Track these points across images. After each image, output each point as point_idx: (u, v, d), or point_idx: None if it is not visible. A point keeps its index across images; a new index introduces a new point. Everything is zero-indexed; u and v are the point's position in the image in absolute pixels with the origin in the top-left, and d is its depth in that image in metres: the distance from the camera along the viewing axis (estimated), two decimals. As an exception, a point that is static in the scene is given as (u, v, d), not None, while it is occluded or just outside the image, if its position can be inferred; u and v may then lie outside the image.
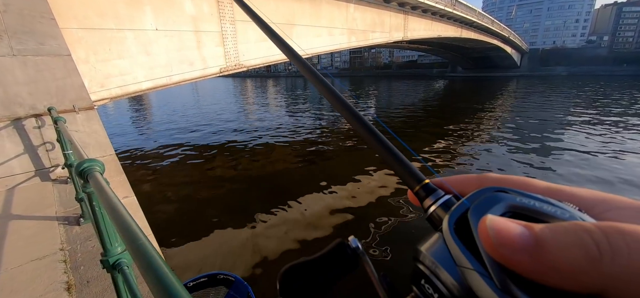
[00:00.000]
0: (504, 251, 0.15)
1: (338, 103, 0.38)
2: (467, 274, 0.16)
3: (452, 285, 0.17)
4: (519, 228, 0.15)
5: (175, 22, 5.93)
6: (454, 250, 0.17)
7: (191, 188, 6.55)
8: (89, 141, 3.52)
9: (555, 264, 0.14)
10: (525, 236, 0.15)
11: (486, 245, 0.16)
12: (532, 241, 0.15)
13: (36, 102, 3.29)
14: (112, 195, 0.64)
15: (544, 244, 0.14)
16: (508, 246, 0.15)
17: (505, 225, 0.16)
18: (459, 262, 0.17)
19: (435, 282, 0.18)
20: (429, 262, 0.18)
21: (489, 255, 0.16)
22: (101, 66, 4.88)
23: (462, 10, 19.80)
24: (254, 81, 60.32)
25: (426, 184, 0.24)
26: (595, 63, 55.17)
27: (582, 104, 17.53)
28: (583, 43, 67.86)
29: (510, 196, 0.18)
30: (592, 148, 8.65)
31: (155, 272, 0.41)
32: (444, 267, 0.17)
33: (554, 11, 73.46)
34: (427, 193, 0.23)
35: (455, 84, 39.03)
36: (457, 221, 0.19)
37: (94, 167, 0.79)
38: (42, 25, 3.33)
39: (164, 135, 11.82)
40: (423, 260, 0.19)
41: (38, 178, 3.31)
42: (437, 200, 0.22)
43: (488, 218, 0.16)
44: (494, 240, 0.15)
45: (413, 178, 0.25)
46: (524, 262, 0.14)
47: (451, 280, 0.17)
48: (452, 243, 0.18)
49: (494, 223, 0.16)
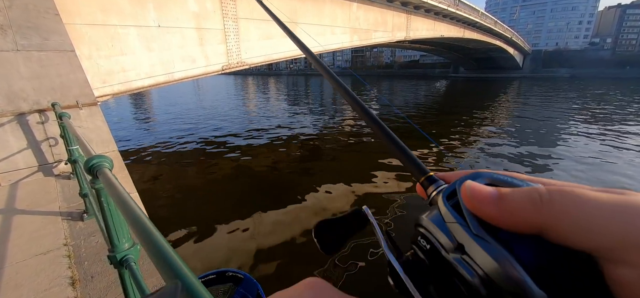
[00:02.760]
0: (476, 203, 0.21)
1: (353, 101, 0.43)
2: (452, 227, 0.22)
3: (440, 236, 0.22)
4: (489, 188, 0.21)
5: (178, 19, 5.93)
6: (444, 212, 0.23)
7: (192, 186, 6.56)
8: (92, 137, 3.53)
9: (511, 210, 0.19)
10: (493, 192, 0.20)
11: (464, 199, 0.21)
12: (497, 195, 0.20)
13: (40, 98, 3.30)
14: (123, 191, 0.64)
15: (505, 197, 0.20)
16: (479, 198, 0.20)
17: (479, 186, 0.21)
18: (447, 219, 0.22)
19: (428, 236, 0.23)
20: (425, 222, 0.24)
21: (466, 207, 0.21)
22: (104, 62, 4.89)
23: (465, 11, 19.73)
24: (255, 79, 60.31)
25: (430, 176, 0.29)
26: (598, 65, 54.89)
27: (583, 107, 17.48)
28: (586, 45, 67.52)
29: (488, 173, 0.24)
30: (592, 152, 8.63)
31: (171, 266, 0.42)
32: (436, 224, 0.23)
33: (557, 12, 73.11)
34: (430, 183, 0.28)
35: (457, 84, 38.93)
36: (448, 196, 0.24)
37: (103, 163, 0.79)
38: (46, 21, 3.34)
39: (165, 132, 11.84)
40: (420, 222, 0.24)
41: (41, 173, 3.32)
42: (437, 188, 0.27)
43: (467, 182, 0.22)
44: (469, 194, 0.21)
45: (419, 171, 0.30)
46: (489, 211, 0.20)
47: (440, 233, 0.22)
48: (443, 207, 0.23)
49: (471, 184, 0.22)
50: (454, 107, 18.47)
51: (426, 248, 0.23)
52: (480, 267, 0.19)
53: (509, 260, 0.18)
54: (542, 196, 0.19)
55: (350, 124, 13.03)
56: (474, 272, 0.19)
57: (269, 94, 28.14)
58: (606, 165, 7.48)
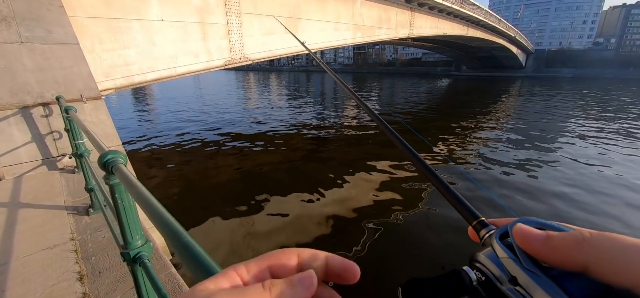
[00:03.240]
0: (527, 241, 0.24)
1: (407, 150, 0.49)
2: (505, 262, 0.25)
3: (495, 270, 0.25)
4: (538, 230, 0.24)
5: (181, 13, 5.88)
6: (498, 249, 0.26)
7: (193, 182, 6.56)
8: (96, 131, 3.48)
9: (557, 248, 0.22)
10: (541, 232, 0.24)
11: (516, 238, 0.25)
12: (544, 235, 0.23)
13: (44, 91, 3.28)
14: (141, 187, 0.62)
15: (552, 237, 0.23)
16: (530, 238, 0.24)
17: (531, 228, 0.25)
18: (500, 255, 0.26)
19: (484, 270, 0.26)
20: (482, 258, 0.27)
21: (518, 245, 0.25)
22: (106, 55, 4.86)
23: (469, 9, 19.58)
24: (256, 75, 60.15)
25: (482, 221, 0.32)
26: (602, 66, 54.50)
27: (586, 108, 17.41)
28: (590, 45, 67.06)
29: (536, 219, 0.27)
30: (594, 154, 8.60)
31: (196, 259, 0.40)
32: (491, 260, 0.26)
33: (562, 12, 72.49)
34: (482, 226, 0.31)
35: (459, 83, 38.77)
36: (500, 236, 0.27)
37: (118, 159, 0.78)
38: (50, 13, 3.31)
39: (165, 128, 11.82)
40: (477, 258, 0.27)
41: (45, 166, 3.31)
42: (489, 231, 0.30)
43: (519, 225, 0.26)
44: (521, 234, 0.25)
45: (471, 215, 0.33)
46: (539, 249, 0.23)
47: (495, 267, 0.25)
48: (496, 245, 0.26)
49: (522, 226, 0.25)
50: (455, 107, 18.40)
51: (482, 280, 0.26)
52: (532, 296, 0.22)
53: (557, 291, 0.21)
54: (585, 237, 0.22)
55: (353, 119, 13.01)
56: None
57: (270, 90, 28.06)
58: (606, 168, 7.45)
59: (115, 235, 1.26)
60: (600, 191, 6.02)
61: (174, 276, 1.59)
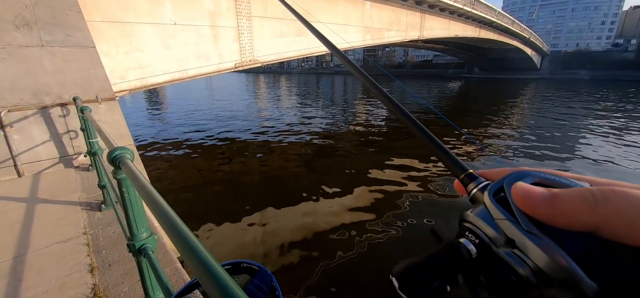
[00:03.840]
0: (530, 202, 0.21)
1: (386, 99, 0.43)
2: (501, 223, 0.23)
3: (489, 231, 0.23)
4: (541, 189, 0.22)
5: (193, 16, 6.03)
6: (492, 208, 0.24)
7: (203, 181, 6.68)
8: (110, 130, 3.63)
9: (564, 209, 0.20)
10: (546, 192, 0.21)
11: (516, 199, 0.22)
12: (550, 196, 0.21)
13: (62, 92, 3.43)
14: (145, 181, 0.66)
15: (558, 197, 0.21)
16: (533, 198, 0.21)
17: (531, 187, 0.22)
18: (495, 215, 0.23)
19: (477, 231, 0.24)
20: (472, 218, 0.25)
21: (518, 206, 0.22)
22: (122, 58, 5.03)
23: (481, 10, 19.25)
24: (266, 77, 60.77)
25: (470, 173, 0.29)
26: (621, 68, 52.35)
27: (605, 111, 16.78)
28: (609, 46, 64.71)
29: (535, 172, 0.25)
30: (616, 159, 8.28)
31: (193, 250, 0.43)
32: (484, 220, 0.24)
33: (579, 12, 70.31)
34: (470, 180, 0.29)
35: (471, 85, 38.09)
36: (494, 193, 0.25)
37: (125, 155, 0.82)
38: (69, 18, 3.46)
39: (177, 128, 12.10)
40: (467, 218, 0.25)
41: (62, 164, 3.45)
42: (478, 185, 0.28)
43: (519, 183, 0.23)
44: (522, 195, 0.22)
45: (458, 168, 0.30)
46: (542, 210, 0.21)
47: (489, 228, 0.23)
48: (490, 204, 0.24)
49: (523, 185, 0.23)
50: (467, 110, 18.08)
51: (475, 243, 0.24)
52: (532, 260, 0.20)
53: (560, 253, 0.19)
54: (596, 196, 0.19)
55: (362, 122, 12.97)
56: (525, 265, 0.21)
57: (280, 92, 28.30)
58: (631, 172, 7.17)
59: (124, 229, 1.31)
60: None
61: (180, 271, 1.64)
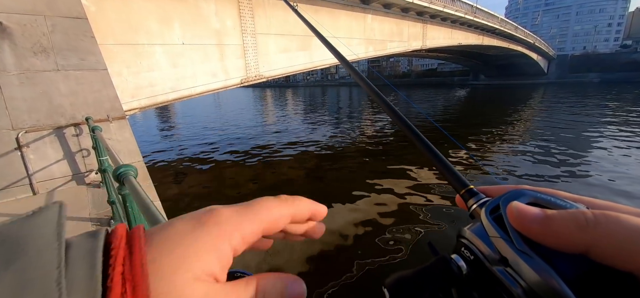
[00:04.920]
0: (523, 221, 0.22)
1: (391, 111, 0.45)
2: (495, 241, 0.23)
3: (484, 249, 0.24)
4: (535, 209, 0.22)
5: (201, 36, 6.27)
6: (487, 226, 0.24)
7: (212, 196, 6.76)
8: (120, 148, 3.76)
9: (557, 231, 0.20)
10: (539, 213, 0.22)
11: (511, 218, 0.23)
12: (543, 216, 0.21)
13: (76, 113, 3.58)
14: (145, 197, 0.70)
15: (551, 217, 0.21)
16: (526, 218, 0.22)
17: (526, 206, 0.23)
18: (491, 233, 0.24)
19: (472, 248, 0.25)
20: (469, 235, 0.25)
21: (512, 225, 0.23)
22: (133, 78, 5.24)
23: (483, 18, 19.35)
24: (273, 91, 61.69)
25: (470, 189, 0.30)
26: (632, 69, 51.30)
27: (616, 114, 16.39)
28: (617, 48, 63.72)
29: (531, 192, 0.25)
30: (628, 162, 8.05)
31: None
32: (480, 237, 0.25)
33: (584, 15, 69.84)
34: (470, 195, 0.29)
35: (477, 92, 37.79)
36: (491, 211, 0.25)
37: (129, 172, 0.87)
38: (84, 43, 3.65)
39: (186, 143, 12.33)
40: (464, 234, 0.26)
41: (74, 181, 3.57)
42: (478, 201, 0.28)
43: (514, 202, 0.24)
44: (516, 214, 0.23)
45: (459, 183, 0.31)
46: (535, 229, 0.21)
47: (484, 246, 0.24)
48: (486, 222, 0.25)
49: (518, 205, 0.23)
50: (474, 117, 17.92)
51: (470, 259, 0.25)
52: (524, 280, 0.20)
53: (551, 274, 0.19)
54: (588, 219, 0.20)
55: (369, 133, 12.99)
56: (517, 284, 0.21)
57: (286, 106, 28.65)
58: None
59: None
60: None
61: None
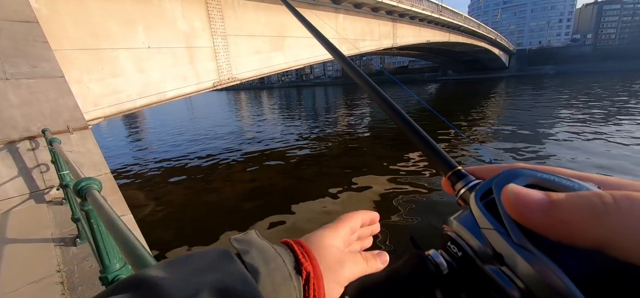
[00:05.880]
0: (522, 210, 0.17)
1: (378, 98, 0.40)
2: (488, 234, 0.19)
3: (474, 243, 0.20)
4: (537, 192, 0.18)
5: (167, 39, 6.01)
6: (478, 215, 0.20)
7: (188, 203, 6.52)
8: (83, 160, 3.52)
9: (566, 221, 0.16)
10: (542, 198, 0.17)
11: (507, 206, 0.18)
12: (547, 202, 0.17)
13: (30, 125, 3.30)
14: (111, 212, 0.68)
15: (558, 203, 0.16)
16: (526, 206, 0.17)
17: (525, 190, 0.18)
18: (482, 224, 0.20)
19: (460, 242, 0.21)
20: (456, 226, 0.22)
21: (508, 215, 0.18)
22: (94, 85, 4.91)
23: (448, 16, 20.30)
24: (248, 94, 60.50)
25: (458, 171, 0.26)
26: (582, 61, 56.63)
27: (572, 101, 17.91)
28: (568, 42, 69.70)
29: (531, 172, 0.20)
30: (586, 140, 8.84)
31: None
32: (468, 228, 0.21)
33: (538, 12, 75.61)
34: (458, 178, 0.26)
35: (447, 87, 39.62)
36: (482, 196, 0.21)
37: (91, 186, 0.83)
38: (35, 49, 3.37)
39: (159, 152, 11.77)
40: (451, 226, 0.22)
41: (33, 200, 3.29)
42: (467, 184, 0.25)
43: (510, 186, 0.19)
44: (514, 201, 0.18)
45: (446, 165, 0.28)
46: (538, 219, 0.17)
47: (474, 239, 0.20)
48: (477, 209, 0.21)
49: (515, 188, 0.18)
50: (444, 110, 18.76)
51: (458, 256, 0.21)
52: (522, 280, 0.17)
53: (558, 274, 0.15)
54: (606, 203, 0.15)
55: (345, 128, 13.15)
56: (515, 286, 0.17)
57: (261, 108, 28.23)
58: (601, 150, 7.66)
59: (98, 261, 1.29)
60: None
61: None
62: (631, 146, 8.13)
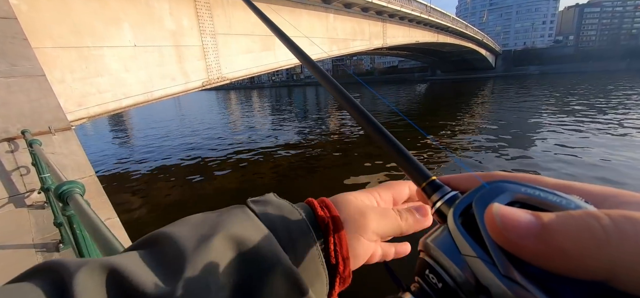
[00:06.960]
0: (510, 236, 0.15)
1: (347, 103, 0.34)
2: (471, 262, 0.16)
3: (455, 273, 0.17)
4: (526, 214, 0.15)
5: (154, 37, 5.87)
6: (459, 239, 0.18)
7: (178, 205, 6.40)
8: (67, 163, 3.41)
9: (562, 248, 0.13)
10: (532, 221, 0.15)
11: (492, 231, 0.16)
12: (539, 226, 0.14)
13: (9, 126, 3.17)
14: (93, 216, 0.65)
15: (551, 228, 0.14)
16: (514, 230, 0.15)
17: (512, 211, 0.16)
18: (463, 250, 0.17)
19: (439, 271, 0.18)
20: (434, 252, 0.19)
21: (494, 241, 0.16)
22: (78, 84, 4.76)
23: (437, 17, 20.64)
24: (237, 93, 59.88)
25: (433, 181, 0.23)
26: (564, 61, 58.57)
27: (556, 100, 18.48)
28: (551, 43, 71.97)
29: (515, 186, 0.18)
30: (570, 139, 9.14)
31: None
32: (448, 256, 0.18)
33: (522, 14, 77.84)
34: (434, 189, 0.23)
35: (435, 87, 40.24)
36: (462, 213, 0.19)
37: (73, 189, 0.80)
38: (13, 47, 3.24)
39: (147, 153, 11.51)
40: (427, 250, 0.19)
41: (12, 204, 3.16)
42: (443, 196, 0.22)
43: (494, 206, 0.16)
44: (500, 225, 0.15)
45: (420, 175, 0.24)
46: (529, 246, 0.14)
47: (455, 268, 0.17)
48: (457, 233, 0.18)
49: (500, 210, 0.16)
50: (434, 109, 19.06)
51: (437, 287, 0.18)
52: None
53: None
54: (607, 228, 0.13)
55: (335, 130, 13.18)
56: None
57: (251, 108, 28.00)
58: (583, 152, 7.93)
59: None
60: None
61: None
62: (611, 142, 8.47)
